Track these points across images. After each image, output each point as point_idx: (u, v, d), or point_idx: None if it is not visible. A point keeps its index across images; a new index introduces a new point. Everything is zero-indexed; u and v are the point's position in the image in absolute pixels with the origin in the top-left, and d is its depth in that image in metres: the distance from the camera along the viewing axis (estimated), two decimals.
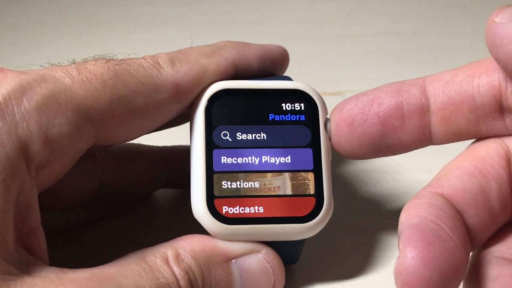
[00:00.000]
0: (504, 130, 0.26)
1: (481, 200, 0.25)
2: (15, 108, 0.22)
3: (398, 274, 0.22)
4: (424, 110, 0.26)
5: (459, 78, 0.26)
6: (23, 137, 0.22)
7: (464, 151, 0.27)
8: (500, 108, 0.26)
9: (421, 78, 0.27)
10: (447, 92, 0.26)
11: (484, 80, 0.25)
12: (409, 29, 0.49)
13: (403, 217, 0.24)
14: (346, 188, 0.34)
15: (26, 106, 0.23)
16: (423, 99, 0.26)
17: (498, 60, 0.24)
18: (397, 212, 0.32)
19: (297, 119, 0.27)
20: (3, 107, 0.22)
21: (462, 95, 0.26)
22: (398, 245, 0.23)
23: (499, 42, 0.24)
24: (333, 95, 0.41)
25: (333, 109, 0.28)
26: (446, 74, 0.26)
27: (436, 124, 0.26)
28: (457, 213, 0.24)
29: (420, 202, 0.24)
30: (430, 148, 0.31)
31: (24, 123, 0.22)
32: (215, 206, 0.25)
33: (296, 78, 0.29)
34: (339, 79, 0.44)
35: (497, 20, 0.24)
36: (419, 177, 0.34)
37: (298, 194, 0.26)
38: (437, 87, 0.26)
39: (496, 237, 0.25)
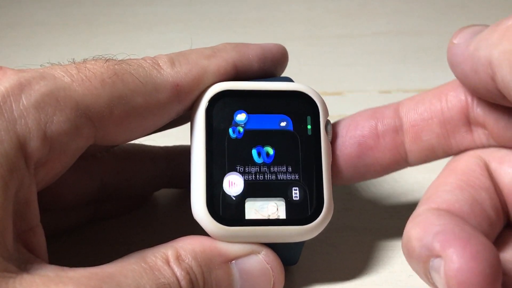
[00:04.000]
0: (473, 144, 0.27)
1: (478, 210, 0.25)
2: (14, 105, 0.22)
3: (451, 278, 0.22)
4: (397, 129, 0.28)
5: (429, 96, 0.28)
6: (21, 133, 0.22)
7: (443, 170, 0.28)
8: (467, 122, 0.27)
9: (396, 102, 0.29)
10: (417, 110, 0.28)
11: (452, 95, 0.27)
12: (409, 29, 0.49)
13: (417, 233, 0.24)
14: (346, 188, 0.34)
15: (25, 103, 0.23)
16: (396, 119, 0.28)
17: (457, 78, 0.26)
18: (397, 212, 0.32)
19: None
20: (1, 104, 0.22)
21: (431, 111, 0.27)
22: (432, 255, 0.23)
23: (455, 62, 0.25)
24: (333, 95, 0.41)
25: None
26: (418, 95, 0.28)
27: (409, 142, 0.28)
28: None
29: (426, 216, 0.25)
30: None
31: (22, 120, 0.22)
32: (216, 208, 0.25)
33: (296, 78, 0.29)
34: (339, 79, 0.44)
35: (455, 41, 0.25)
36: (419, 177, 0.34)
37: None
38: (409, 107, 0.28)
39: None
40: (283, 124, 0.27)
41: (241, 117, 0.27)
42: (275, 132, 0.27)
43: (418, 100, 0.28)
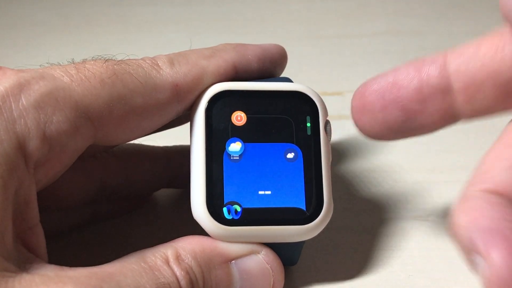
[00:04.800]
0: None
1: None
2: (13, 105, 0.22)
3: (492, 282, 0.20)
4: (445, 90, 0.25)
5: (481, 51, 0.24)
6: (21, 133, 0.22)
7: (500, 138, 0.24)
8: None
9: (442, 55, 0.25)
10: (469, 69, 0.24)
11: (509, 52, 0.23)
12: (409, 29, 0.49)
13: (464, 221, 0.22)
14: (346, 188, 0.34)
15: (24, 103, 0.23)
16: (444, 80, 0.25)
17: None
18: (396, 212, 0.32)
19: None
20: (1, 104, 0.22)
21: (486, 71, 0.24)
22: (475, 251, 0.21)
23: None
24: (333, 95, 0.41)
25: (354, 92, 0.26)
26: (468, 48, 0.25)
27: (461, 104, 0.25)
28: None
29: (478, 203, 0.22)
30: (430, 148, 0.31)
31: (22, 120, 0.22)
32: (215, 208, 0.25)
33: (296, 79, 0.29)
34: (339, 79, 0.44)
35: None
36: (419, 177, 0.34)
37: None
38: (458, 65, 0.24)
39: None
40: (289, 156, 0.27)
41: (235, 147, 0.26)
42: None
43: (469, 57, 0.24)
